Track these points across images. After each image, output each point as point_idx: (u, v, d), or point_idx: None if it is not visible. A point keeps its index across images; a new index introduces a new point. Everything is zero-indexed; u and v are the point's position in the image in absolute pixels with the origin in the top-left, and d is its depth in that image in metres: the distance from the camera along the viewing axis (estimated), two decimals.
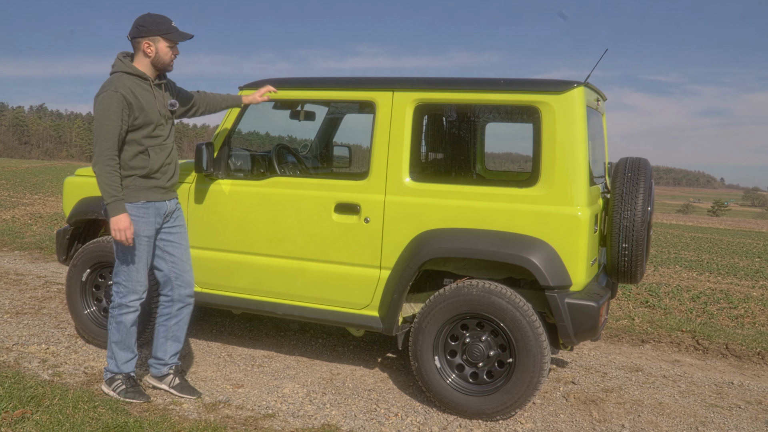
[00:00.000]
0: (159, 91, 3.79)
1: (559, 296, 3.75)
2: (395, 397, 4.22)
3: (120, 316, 3.84)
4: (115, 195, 3.60)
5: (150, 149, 3.73)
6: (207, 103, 4.20)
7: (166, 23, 3.70)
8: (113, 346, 3.88)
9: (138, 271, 3.80)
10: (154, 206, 3.80)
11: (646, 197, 4.11)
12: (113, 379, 3.89)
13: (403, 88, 4.10)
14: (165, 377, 4.01)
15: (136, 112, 3.64)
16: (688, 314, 7.69)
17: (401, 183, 4.07)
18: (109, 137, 3.57)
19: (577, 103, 3.80)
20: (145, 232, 3.77)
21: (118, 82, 3.61)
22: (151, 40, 3.67)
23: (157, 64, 3.72)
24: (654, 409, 4.19)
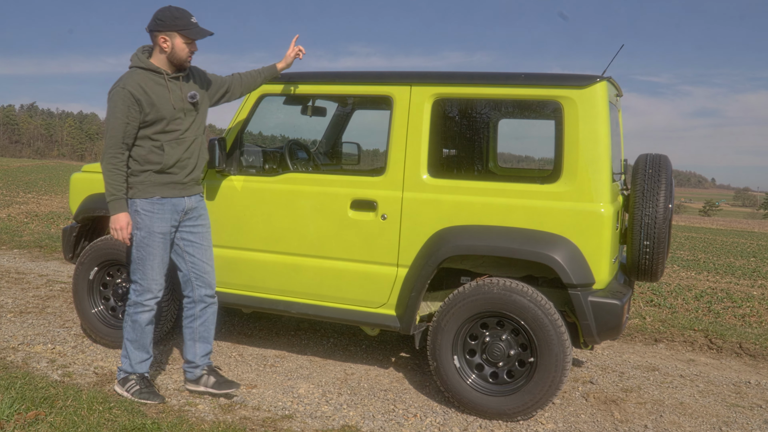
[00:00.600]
0: (175, 84, 3.68)
1: (582, 294, 3.68)
2: (412, 398, 4.15)
3: (135, 314, 3.76)
4: (114, 193, 3.55)
5: (165, 144, 3.63)
6: (243, 83, 4.10)
7: (185, 18, 3.59)
8: (128, 345, 3.80)
9: (153, 269, 3.71)
10: (170, 202, 3.70)
11: (668, 194, 4.04)
12: (127, 379, 3.80)
13: (421, 83, 4.02)
14: (200, 379, 3.91)
15: (146, 108, 3.55)
16: (695, 313, 7.66)
17: (419, 179, 4.00)
18: (114, 135, 3.52)
19: (600, 98, 3.73)
20: (159, 229, 3.68)
21: (128, 79, 3.55)
22: (167, 35, 3.57)
23: (172, 59, 3.63)
24: (675, 409, 4.13)
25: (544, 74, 3.86)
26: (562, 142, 3.78)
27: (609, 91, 3.90)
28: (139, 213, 3.66)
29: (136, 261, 3.72)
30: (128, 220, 3.60)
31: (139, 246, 3.68)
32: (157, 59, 3.63)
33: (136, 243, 3.68)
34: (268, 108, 4.58)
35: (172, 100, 3.63)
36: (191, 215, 3.83)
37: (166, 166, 3.65)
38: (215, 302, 3.98)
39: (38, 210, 16.63)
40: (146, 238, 3.66)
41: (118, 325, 4.72)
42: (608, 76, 3.85)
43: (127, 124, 3.52)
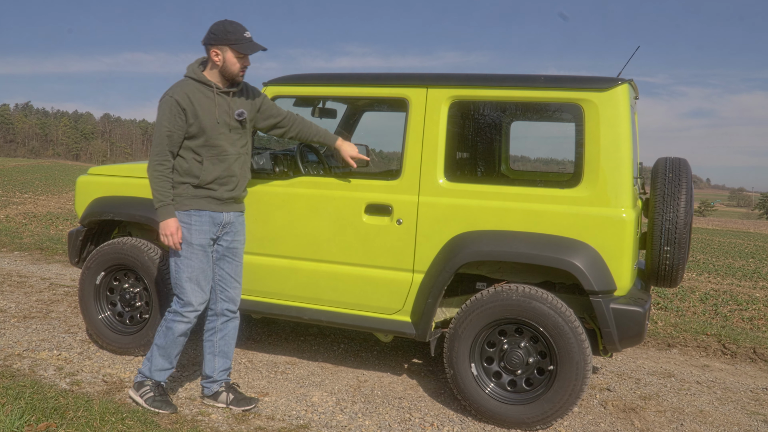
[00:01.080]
0: (224, 99, 3.62)
1: (604, 302, 3.61)
2: (428, 406, 4.07)
3: (172, 322, 3.67)
4: (162, 200, 3.50)
5: (206, 159, 3.58)
6: (299, 129, 3.99)
7: (237, 33, 3.52)
8: (155, 350, 3.72)
9: (191, 281, 3.61)
10: (208, 215, 3.63)
11: (689, 198, 3.97)
12: (142, 384, 3.72)
13: (437, 85, 3.94)
14: (219, 395, 3.83)
15: (190, 118, 3.52)
16: (702, 316, 7.61)
17: (435, 183, 3.92)
18: (160, 142, 3.51)
19: (621, 101, 3.66)
20: (197, 241, 3.60)
21: (177, 87, 3.55)
22: (219, 49, 3.53)
23: (224, 73, 3.58)
24: (696, 418, 4.06)
25: (564, 76, 3.78)
26: (583, 145, 3.70)
27: (630, 94, 3.83)
28: None
29: (175, 276, 3.64)
30: (178, 225, 3.53)
31: (179, 259, 3.61)
32: (210, 72, 3.60)
33: (175, 257, 3.62)
34: None
35: (217, 114, 3.57)
36: (229, 230, 3.75)
37: (203, 182, 3.58)
38: (237, 317, 3.90)
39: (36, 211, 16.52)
40: (185, 251, 3.59)
41: (126, 331, 4.63)
42: (630, 78, 3.77)
43: (172, 132, 3.50)
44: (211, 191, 3.61)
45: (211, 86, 3.58)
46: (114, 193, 4.70)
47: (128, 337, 4.61)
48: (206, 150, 3.57)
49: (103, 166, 5.04)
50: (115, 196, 4.68)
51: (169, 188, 3.53)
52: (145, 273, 4.48)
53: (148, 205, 4.47)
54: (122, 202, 4.62)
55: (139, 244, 4.52)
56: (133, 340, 4.58)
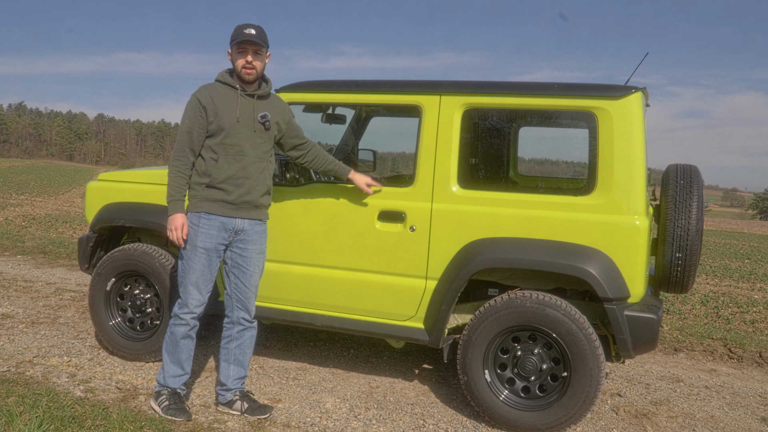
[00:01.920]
0: (248, 101, 3.67)
1: (618, 309, 3.63)
2: (440, 412, 4.08)
3: (173, 326, 3.72)
4: (173, 194, 3.57)
5: (221, 157, 3.61)
6: (315, 156, 4.00)
7: (239, 29, 3.62)
8: (165, 357, 3.75)
9: (191, 283, 3.64)
10: (218, 220, 3.63)
11: (700, 205, 3.99)
12: (160, 393, 3.74)
13: (451, 92, 3.96)
14: (233, 403, 3.83)
15: (210, 116, 3.59)
16: (705, 319, 7.64)
17: (449, 190, 3.93)
18: (181, 139, 3.61)
19: (635, 109, 3.68)
20: (202, 244, 3.61)
21: (202, 88, 3.67)
22: (230, 50, 3.68)
23: (236, 72, 3.67)
24: (707, 423, 4.09)
25: (578, 84, 3.80)
26: (597, 153, 3.72)
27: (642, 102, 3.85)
28: (188, 225, 3.65)
29: (179, 273, 3.71)
30: (184, 221, 3.58)
31: (182, 258, 3.67)
32: (235, 76, 3.71)
33: (181, 257, 3.68)
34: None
35: (238, 113, 3.62)
36: (242, 237, 3.72)
37: (215, 180, 3.60)
38: (254, 327, 3.90)
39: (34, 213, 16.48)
40: (188, 251, 3.62)
41: (136, 337, 4.64)
42: (643, 86, 3.80)
43: (191, 128, 3.58)
44: (224, 193, 3.61)
45: (236, 88, 3.66)
46: (125, 199, 4.70)
47: (139, 343, 4.61)
48: (223, 148, 3.61)
49: (113, 171, 5.04)
50: (126, 202, 4.68)
51: (183, 184, 3.60)
52: (156, 279, 4.48)
53: (159, 212, 4.49)
54: (133, 208, 4.62)
55: (149, 250, 4.52)
56: (143, 346, 4.58)
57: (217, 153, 3.61)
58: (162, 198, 4.52)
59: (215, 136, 3.60)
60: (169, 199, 3.57)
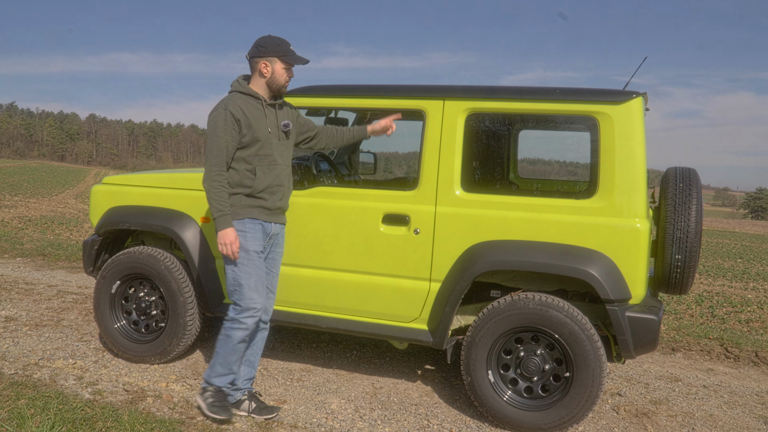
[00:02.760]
0: (271, 110, 3.76)
1: (620, 310, 3.69)
2: (444, 412, 4.14)
3: (230, 329, 3.71)
4: (221, 210, 3.57)
5: (258, 168, 3.67)
6: (331, 136, 4.12)
7: (285, 46, 3.70)
8: (217, 356, 3.76)
9: (250, 288, 3.66)
10: (260, 224, 3.71)
11: (699, 208, 4.06)
12: (205, 389, 3.78)
13: (454, 97, 4.01)
14: (241, 403, 3.88)
15: (243, 129, 3.62)
16: (701, 319, 7.73)
17: (452, 194, 3.99)
18: (217, 154, 3.59)
19: (636, 114, 3.74)
20: (254, 248, 3.68)
21: (229, 100, 3.65)
22: (268, 61, 3.67)
23: (272, 84, 3.71)
24: (706, 422, 4.16)
25: (579, 89, 3.86)
26: (598, 157, 3.78)
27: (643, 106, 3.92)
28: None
29: (232, 282, 3.68)
30: (236, 235, 3.60)
31: (236, 266, 3.65)
32: (256, 85, 3.73)
33: (232, 264, 3.66)
34: None
35: (268, 124, 3.70)
36: (273, 241, 3.86)
37: (255, 191, 3.67)
38: (267, 328, 3.97)
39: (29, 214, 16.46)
40: (242, 257, 3.64)
41: (142, 340, 4.67)
42: (644, 91, 3.86)
43: (228, 144, 3.60)
44: (262, 200, 3.70)
45: (260, 98, 3.70)
46: (129, 203, 4.74)
47: (144, 345, 4.65)
48: (258, 159, 3.67)
49: (117, 175, 5.07)
50: (131, 206, 4.72)
51: (227, 198, 3.60)
52: (161, 281, 4.52)
53: (165, 215, 4.54)
54: (138, 212, 4.66)
55: (155, 253, 4.56)
56: (148, 349, 4.62)
57: (252, 164, 3.66)
58: (166, 201, 4.58)
59: (249, 148, 3.65)
60: (217, 214, 3.57)
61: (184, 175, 4.69)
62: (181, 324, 4.50)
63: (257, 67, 3.70)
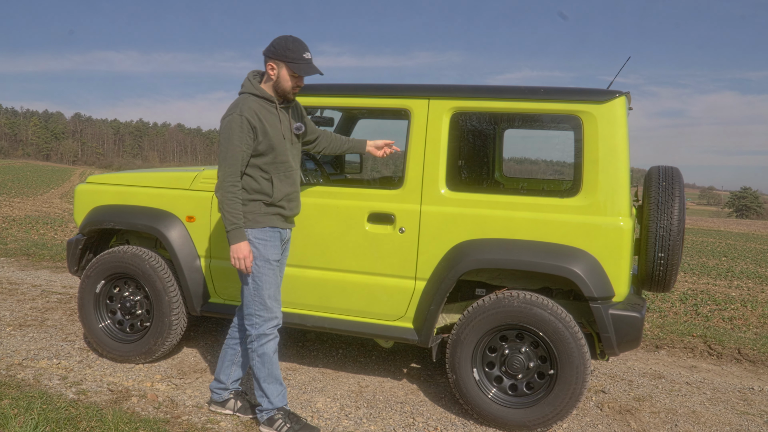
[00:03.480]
0: (285, 114, 3.61)
1: (603, 308, 3.72)
2: (429, 410, 4.15)
3: (261, 347, 3.60)
4: (235, 222, 3.41)
5: (274, 177, 3.54)
6: (330, 141, 4.03)
7: (297, 52, 3.47)
8: (262, 384, 3.64)
9: (270, 297, 3.58)
10: (278, 231, 3.61)
11: (681, 206, 4.10)
12: (273, 419, 3.65)
13: (439, 96, 4.03)
14: (227, 402, 3.86)
15: (259, 136, 3.45)
16: (684, 317, 7.80)
17: (437, 193, 4.00)
18: (232, 163, 3.40)
19: (619, 113, 3.78)
20: (273, 257, 3.57)
21: (243, 105, 3.45)
22: (275, 63, 3.48)
23: (276, 88, 3.53)
24: (689, 418, 4.20)
25: (564, 88, 3.89)
26: (582, 156, 3.81)
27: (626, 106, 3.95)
28: (253, 242, 3.52)
29: (252, 292, 3.57)
30: (250, 248, 3.47)
31: (254, 276, 3.55)
32: (266, 85, 3.56)
33: (250, 275, 3.56)
34: None
35: (282, 129, 3.55)
36: (285, 246, 3.78)
37: (276, 200, 3.55)
38: None
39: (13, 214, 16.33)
40: (262, 267, 3.54)
41: (126, 339, 4.66)
42: (627, 91, 3.89)
43: (244, 152, 3.43)
44: (281, 209, 3.59)
45: (274, 102, 3.54)
46: (114, 202, 4.72)
47: (129, 345, 4.63)
48: (275, 167, 3.54)
49: (102, 174, 5.05)
50: (116, 205, 4.70)
51: (240, 210, 3.45)
52: (146, 281, 4.50)
53: (149, 214, 4.53)
54: (123, 211, 4.65)
55: (139, 253, 4.55)
56: (133, 348, 4.61)
57: (268, 173, 3.53)
58: (151, 200, 4.57)
59: (264, 156, 3.50)
60: (231, 227, 3.41)
61: (169, 174, 4.67)
62: (166, 323, 4.49)
63: (266, 68, 3.53)
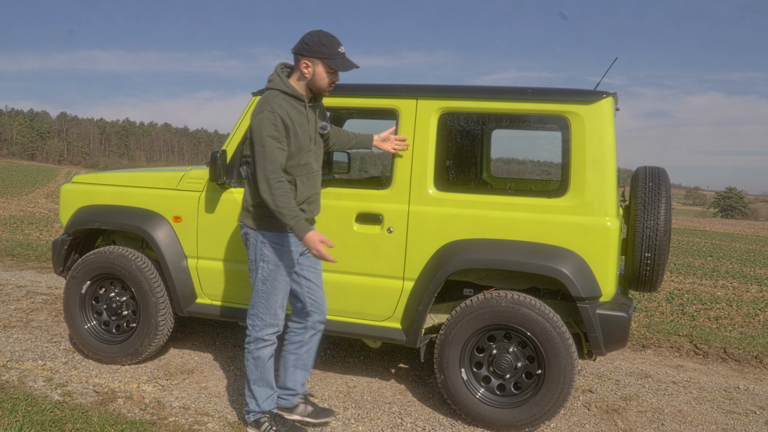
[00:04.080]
0: (312, 113, 3.50)
1: (590, 307, 3.73)
2: (417, 410, 4.15)
3: (257, 351, 3.56)
4: (296, 215, 3.27)
5: (297, 179, 3.44)
6: (339, 138, 3.94)
7: (332, 47, 3.37)
8: (252, 386, 3.60)
9: (277, 302, 3.52)
10: None
11: (668, 206, 4.12)
12: (259, 421, 3.61)
13: (427, 96, 4.02)
14: (296, 408, 3.77)
15: (291, 136, 3.36)
16: (671, 316, 7.84)
17: (425, 193, 4.00)
18: (273, 160, 3.27)
19: (606, 113, 3.79)
20: (287, 263, 3.50)
21: (275, 102, 3.32)
22: (310, 61, 3.37)
23: (312, 86, 3.42)
24: (675, 417, 4.23)
25: (551, 89, 3.89)
26: (569, 156, 3.82)
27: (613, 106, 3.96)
28: (267, 245, 3.46)
29: (260, 295, 3.50)
30: (319, 235, 3.29)
31: (266, 279, 3.48)
32: (297, 84, 3.44)
33: (261, 276, 3.48)
34: None
35: (310, 130, 3.46)
36: (305, 250, 3.66)
37: (297, 203, 3.43)
38: (322, 330, 3.82)
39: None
40: (273, 271, 3.47)
41: (112, 340, 4.62)
42: (614, 91, 3.91)
43: (282, 147, 3.32)
44: (302, 212, 3.40)
45: (303, 100, 3.43)
46: (100, 202, 4.68)
47: (115, 346, 4.60)
48: (298, 169, 3.44)
49: (87, 174, 5.01)
50: (102, 205, 4.67)
51: (294, 203, 3.31)
52: (132, 281, 4.47)
53: (136, 214, 4.50)
54: (109, 211, 4.61)
55: (125, 253, 4.52)
56: (120, 350, 4.57)
57: (291, 175, 3.42)
58: (138, 200, 4.54)
59: (291, 158, 3.40)
60: (292, 221, 3.25)
61: (156, 173, 4.64)
62: (152, 324, 4.46)
63: (299, 66, 3.39)
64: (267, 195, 3.26)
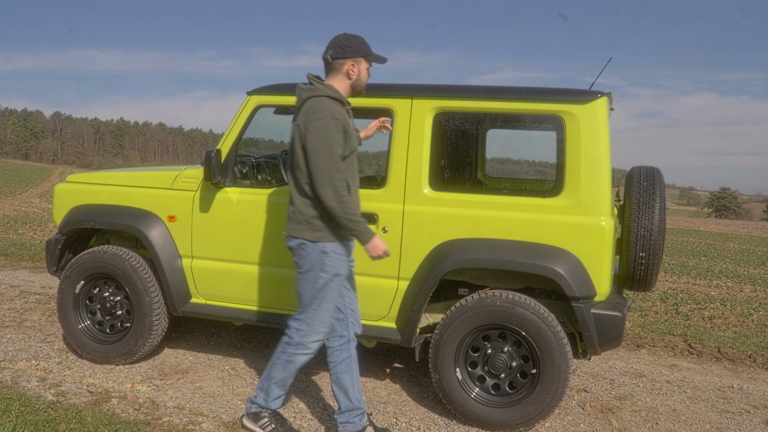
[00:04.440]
0: (351, 116, 3.49)
1: (585, 307, 3.74)
2: (412, 410, 4.15)
3: (295, 355, 3.48)
4: (363, 220, 3.29)
5: (351, 184, 3.37)
6: None
7: (367, 44, 3.43)
8: (272, 381, 3.54)
9: (327, 311, 3.45)
10: (348, 244, 3.47)
11: (662, 206, 4.13)
12: (259, 415, 3.58)
13: (422, 96, 4.02)
14: (365, 429, 3.62)
15: (347, 141, 3.32)
16: (665, 316, 7.86)
17: (420, 192, 4.00)
18: (338, 168, 3.22)
19: (601, 113, 3.79)
20: (344, 272, 3.45)
21: (333, 109, 3.27)
22: (355, 61, 3.39)
23: (356, 86, 3.44)
24: (670, 417, 4.23)
25: (546, 89, 3.90)
26: (564, 156, 3.82)
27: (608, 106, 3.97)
28: (329, 255, 3.37)
29: (312, 302, 3.42)
30: (381, 240, 3.34)
31: (323, 288, 3.40)
32: (340, 88, 3.42)
33: (319, 285, 3.39)
34: (263, 118, 4.51)
35: (355, 135, 3.42)
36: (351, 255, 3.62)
37: None
38: (356, 341, 3.75)
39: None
40: (331, 281, 3.40)
41: (106, 340, 4.61)
42: (608, 91, 3.91)
43: (343, 156, 3.29)
44: None
45: (345, 104, 3.41)
46: (94, 201, 4.67)
47: (109, 346, 4.58)
48: (352, 174, 3.40)
49: (81, 173, 4.99)
50: (96, 204, 4.65)
51: (357, 210, 3.31)
52: (126, 281, 4.46)
53: (130, 213, 4.48)
54: (103, 210, 4.60)
55: (120, 253, 4.50)
56: (114, 349, 4.56)
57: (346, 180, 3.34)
58: (132, 199, 4.52)
59: (345, 161, 3.33)
60: (360, 228, 3.27)
61: (150, 173, 4.63)
62: (147, 324, 4.45)
63: (343, 69, 3.37)
64: (334, 203, 3.22)
